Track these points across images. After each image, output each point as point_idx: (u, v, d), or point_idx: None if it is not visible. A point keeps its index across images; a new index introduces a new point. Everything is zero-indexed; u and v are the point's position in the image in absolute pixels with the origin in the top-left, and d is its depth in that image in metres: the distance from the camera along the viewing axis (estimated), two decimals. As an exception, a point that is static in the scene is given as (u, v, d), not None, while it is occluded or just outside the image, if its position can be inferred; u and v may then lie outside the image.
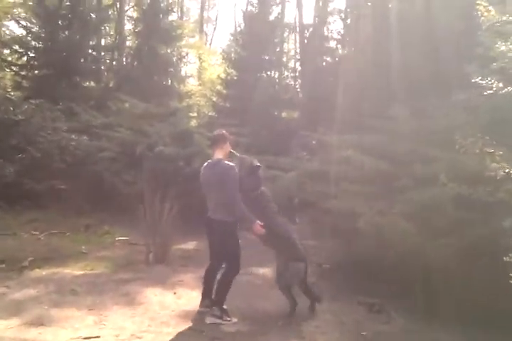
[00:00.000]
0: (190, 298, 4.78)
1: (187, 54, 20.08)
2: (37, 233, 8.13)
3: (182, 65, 19.03)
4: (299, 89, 17.96)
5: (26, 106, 10.64)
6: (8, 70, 14.67)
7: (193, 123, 13.28)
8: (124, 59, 17.36)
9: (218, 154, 4.32)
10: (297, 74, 18.33)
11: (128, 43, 18.05)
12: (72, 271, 5.87)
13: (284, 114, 17.01)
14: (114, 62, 17.35)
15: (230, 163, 4.22)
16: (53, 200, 10.26)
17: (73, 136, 10.70)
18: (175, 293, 4.95)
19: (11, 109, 10.72)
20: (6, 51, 14.58)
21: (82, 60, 14.91)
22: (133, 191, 9.27)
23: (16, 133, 10.29)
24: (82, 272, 5.81)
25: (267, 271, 6.27)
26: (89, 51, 15.42)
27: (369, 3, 13.41)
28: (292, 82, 18.30)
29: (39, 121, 10.44)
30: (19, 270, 5.94)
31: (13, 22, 16.78)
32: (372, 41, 11.89)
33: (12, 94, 12.83)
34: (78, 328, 3.77)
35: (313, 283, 4.85)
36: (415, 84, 9.31)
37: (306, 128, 13.19)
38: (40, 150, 9.92)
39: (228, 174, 4.13)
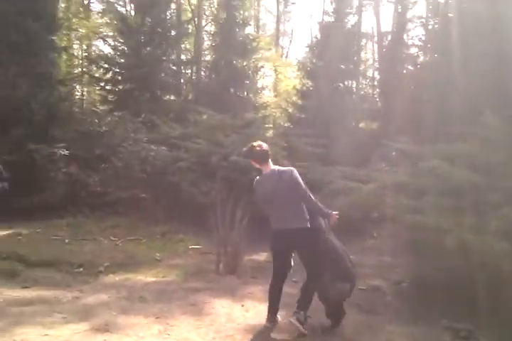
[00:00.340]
0: (257, 311, 4.56)
1: (263, 66, 20.21)
2: (115, 239, 8.39)
3: (258, 77, 19.14)
4: (377, 99, 17.33)
5: (110, 119, 11.16)
6: (95, 86, 15.59)
7: (268, 134, 13.21)
8: (202, 72, 17.80)
9: (271, 166, 4.26)
10: (376, 83, 17.76)
11: (206, 57, 18.52)
12: (145, 277, 5.91)
13: (362, 125, 16.46)
14: (193, 76, 17.88)
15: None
16: (133, 208, 10.61)
17: (153, 147, 11.02)
18: (243, 306, 4.76)
19: (97, 121, 11.31)
20: (94, 68, 15.51)
21: (162, 75, 15.46)
22: (208, 200, 9.32)
23: (100, 144, 10.83)
24: (153, 279, 5.83)
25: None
26: (170, 65, 15.98)
27: (454, 8, 12.69)
28: (370, 91, 17.74)
29: (122, 132, 10.90)
30: (95, 275, 6.12)
31: (100, 41, 18.00)
32: (459, 46, 11.15)
33: (99, 107, 13.60)
34: (143, 337, 3.70)
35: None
36: (507, 90, 8.57)
37: (386, 138, 12.65)
38: (121, 160, 10.32)
39: (296, 176, 4.11)
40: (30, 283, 5.64)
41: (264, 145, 4.27)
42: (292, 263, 4.28)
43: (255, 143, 4.26)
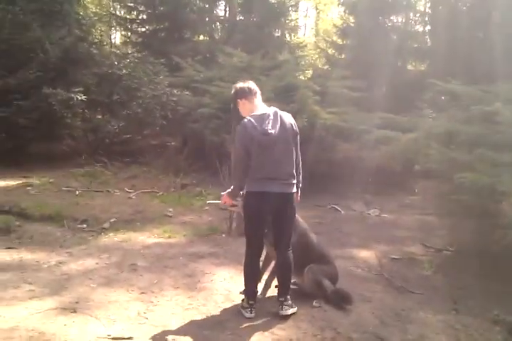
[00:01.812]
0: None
1: (299, 2, 18.42)
2: (131, 191, 7.83)
3: (295, 15, 17.49)
4: (427, 37, 15.42)
5: (128, 60, 10.29)
6: (120, 26, 14.63)
7: (302, 76, 11.98)
8: (234, 10, 16.33)
9: (264, 106, 3.38)
10: (427, 18, 15.72)
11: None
12: (148, 237, 5.31)
13: (409, 66, 14.81)
14: (224, 14, 16.47)
15: None
16: (154, 158, 10.02)
17: (175, 91, 10.18)
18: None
19: (116, 63, 10.48)
20: (118, 6, 14.47)
21: (190, 13, 14.24)
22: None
23: (120, 88, 10.07)
24: (156, 240, 5.22)
25: (368, 255, 5.09)
26: (198, 2, 14.67)
27: None
28: (421, 28, 15.77)
29: (141, 75, 10.05)
30: (97, 232, 5.56)
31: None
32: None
33: (122, 49, 12.71)
34: (114, 320, 3.06)
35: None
36: None
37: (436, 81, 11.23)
38: (140, 106, 9.56)
39: (297, 126, 3.38)
40: (24, 240, 5.17)
41: (250, 82, 3.50)
42: None
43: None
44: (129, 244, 4.94)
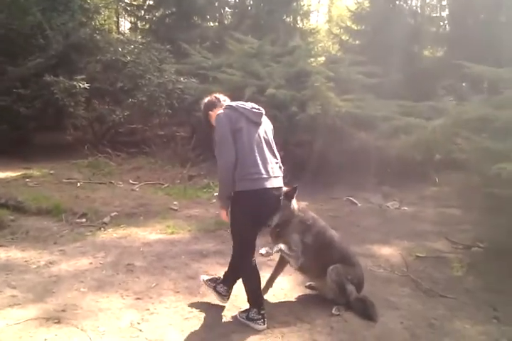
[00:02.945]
0: (277, 291, 3.41)
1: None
2: (135, 183, 7.45)
3: (307, 0, 16.86)
4: (446, 21, 14.72)
5: (132, 46, 9.84)
6: (125, 12, 14.18)
7: (314, 62, 11.43)
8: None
9: None
10: (445, 2, 15.02)
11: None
12: (149, 233, 4.90)
13: (426, 52, 14.17)
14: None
15: None
16: (161, 148, 9.61)
17: (181, 79, 9.72)
18: (258, 280, 3.62)
19: (120, 50, 10.05)
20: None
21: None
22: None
23: (124, 76, 9.64)
24: (158, 236, 4.81)
25: (390, 253, 4.63)
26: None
27: None
28: (438, 13, 15.07)
29: (145, 62, 9.60)
30: (97, 227, 5.17)
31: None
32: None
33: (127, 36, 12.25)
34: (102, 333, 2.66)
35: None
36: None
37: (454, 67, 10.64)
38: (145, 94, 9.13)
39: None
40: (18, 236, 4.80)
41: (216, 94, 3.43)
42: None
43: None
44: (129, 241, 4.54)
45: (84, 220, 5.45)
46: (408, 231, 5.47)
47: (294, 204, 3.17)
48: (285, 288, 3.51)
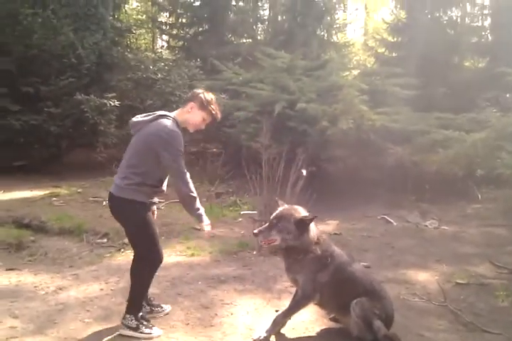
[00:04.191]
0: (297, 324, 3.07)
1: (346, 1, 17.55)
2: (162, 200, 7.27)
3: (341, 12, 16.64)
4: (488, 31, 14.11)
5: (162, 64, 9.85)
6: (160, 31, 14.38)
7: (348, 76, 11.12)
8: (277, 9, 15.70)
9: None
10: (487, 11, 14.41)
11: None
12: (168, 255, 4.63)
13: (467, 63, 13.59)
14: (267, 14, 15.88)
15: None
16: (190, 165, 9.44)
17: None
18: (277, 311, 3.28)
19: (151, 67, 10.08)
20: (153, 10, 14.25)
21: (231, 14, 13.79)
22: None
23: (153, 93, 9.64)
24: (176, 259, 4.56)
25: (427, 279, 4.20)
26: (239, 3, 14.18)
27: None
28: (479, 23, 14.48)
29: (175, 79, 9.57)
30: (117, 248, 5.00)
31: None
32: None
33: (160, 54, 12.33)
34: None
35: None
36: None
37: (497, 77, 10.06)
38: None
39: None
40: (37, 257, 4.69)
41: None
42: None
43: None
44: (145, 264, 4.31)
45: (105, 240, 5.31)
46: (448, 253, 5.00)
47: (311, 234, 2.85)
48: (306, 320, 3.16)
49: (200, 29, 13.87)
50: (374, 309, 2.77)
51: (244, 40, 14.44)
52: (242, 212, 6.60)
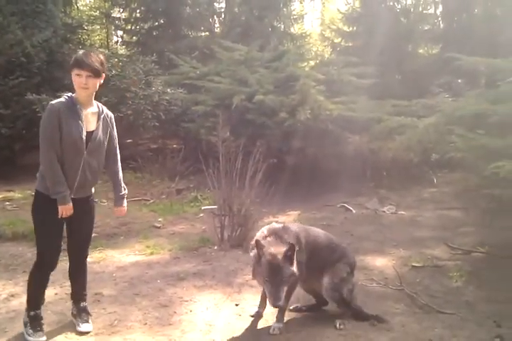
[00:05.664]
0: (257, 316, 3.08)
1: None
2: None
3: (297, 3, 16.67)
4: (440, 19, 14.43)
5: (116, 60, 9.59)
6: (113, 27, 14.04)
7: (306, 67, 11.15)
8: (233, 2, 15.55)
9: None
10: (438, -1, 14.73)
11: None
12: (126, 255, 4.57)
13: (421, 50, 13.87)
14: (223, 7, 15.69)
15: None
16: (149, 163, 9.30)
17: (168, 90, 9.45)
18: (237, 305, 3.28)
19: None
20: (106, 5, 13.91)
21: (187, 8, 13.58)
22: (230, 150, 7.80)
23: (108, 90, 9.39)
24: (134, 259, 4.47)
25: (384, 264, 4.29)
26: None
27: None
28: (432, 10, 14.78)
29: (130, 75, 9.35)
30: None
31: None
32: None
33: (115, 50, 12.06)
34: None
35: None
36: None
37: (449, 63, 10.31)
38: (130, 108, 8.86)
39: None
40: (-12, 264, 4.51)
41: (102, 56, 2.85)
42: None
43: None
44: (102, 266, 4.21)
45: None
46: (405, 237, 5.12)
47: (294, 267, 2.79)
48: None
49: (156, 23, 13.59)
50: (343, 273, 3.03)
51: (201, 34, 14.26)
52: (202, 208, 6.56)
